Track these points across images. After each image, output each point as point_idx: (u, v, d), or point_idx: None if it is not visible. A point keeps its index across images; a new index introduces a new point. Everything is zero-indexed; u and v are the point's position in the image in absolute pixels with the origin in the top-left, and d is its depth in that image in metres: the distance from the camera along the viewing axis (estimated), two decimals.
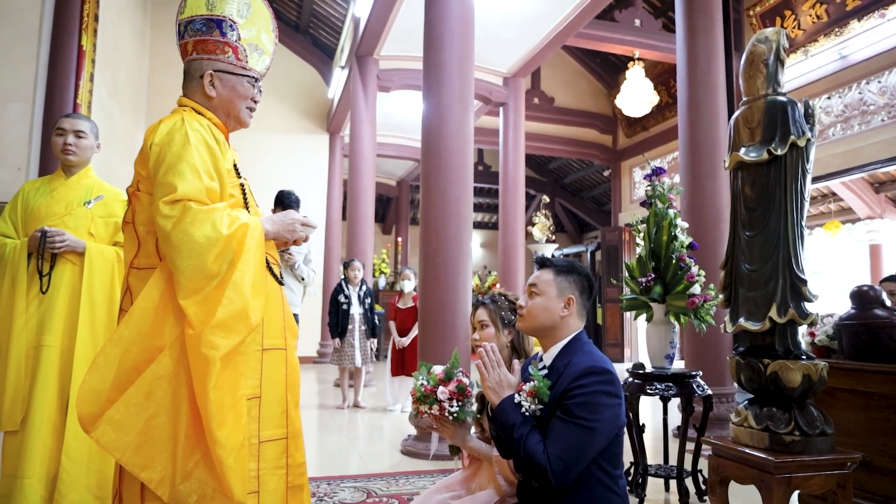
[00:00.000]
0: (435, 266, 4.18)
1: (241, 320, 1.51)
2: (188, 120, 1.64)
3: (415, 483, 3.31)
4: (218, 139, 1.68)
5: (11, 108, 6.05)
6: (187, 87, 1.79)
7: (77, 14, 6.22)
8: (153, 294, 1.53)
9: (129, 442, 1.45)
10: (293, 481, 1.65)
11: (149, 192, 1.61)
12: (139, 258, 1.63)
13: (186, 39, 1.79)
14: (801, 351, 2.08)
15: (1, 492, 2.45)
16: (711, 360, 4.61)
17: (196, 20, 1.76)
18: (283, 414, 1.65)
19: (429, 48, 4.45)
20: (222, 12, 1.76)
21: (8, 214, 2.67)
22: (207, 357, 1.44)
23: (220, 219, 1.52)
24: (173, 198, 1.50)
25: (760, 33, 2.23)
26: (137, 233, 1.63)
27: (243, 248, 1.53)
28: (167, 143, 1.58)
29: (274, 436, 1.62)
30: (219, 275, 1.50)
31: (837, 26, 7.69)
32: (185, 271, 1.47)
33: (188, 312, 1.47)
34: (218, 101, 1.77)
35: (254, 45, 1.80)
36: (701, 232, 4.54)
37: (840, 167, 7.85)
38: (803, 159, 2.11)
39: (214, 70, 1.75)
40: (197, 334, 1.45)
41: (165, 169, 1.54)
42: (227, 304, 1.48)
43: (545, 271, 1.82)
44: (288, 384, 1.68)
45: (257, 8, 1.83)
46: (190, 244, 1.47)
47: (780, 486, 1.90)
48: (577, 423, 1.57)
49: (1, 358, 2.51)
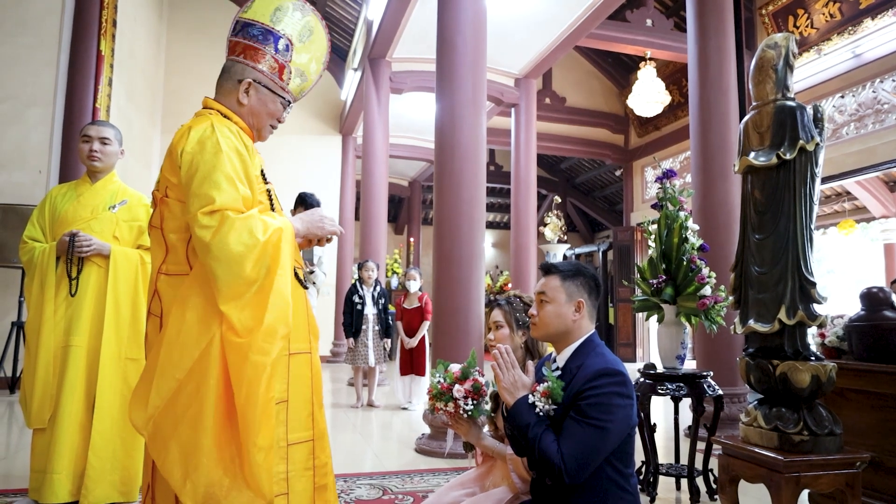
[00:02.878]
0: (448, 267, 4.23)
1: (285, 324, 1.55)
2: (218, 126, 1.63)
3: (429, 481, 3.37)
4: (247, 145, 1.69)
5: (32, 113, 6.18)
6: (222, 87, 1.76)
7: (96, 20, 6.33)
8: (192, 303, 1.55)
9: (168, 449, 1.49)
10: (319, 481, 1.69)
11: (179, 200, 1.61)
12: (168, 264, 1.65)
13: (239, 39, 1.75)
14: (809, 352, 2.11)
15: (31, 487, 2.55)
16: (723, 361, 4.63)
17: (256, 25, 1.74)
18: (310, 416, 1.69)
19: (441, 51, 4.50)
20: (284, 30, 1.75)
21: (36, 219, 2.77)
22: (260, 363, 1.48)
23: (256, 225, 1.54)
24: (211, 208, 1.51)
25: (770, 39, 2.27)
26: (166, 239, 1.65)
27: (279, 251, 1.56)
28: (199, 150, 1.58)
29: (301, 438, 1.66)
30: (257, 280, 1.53)
31: (851, 24, 7.65)
32: (225, 278, 1.50)
33: (232, 320, 1.50)
34: (247, 110, 1.76)
35: (300, 71, 1.80)
36: (713, 233, 4.56)
37: (854, 166, 7.81)
38: (812, 163, 2.14)
39: (254, 79, 1.74)
40: (247, 342, 1.49)
41: (200, 179, 1.54)
42: (272, 309, 1.52)
43: (552, 278, 1.83)
44: (313, 387, 1.72)
45: (318, 37, 1.82)
46: (229, 252, 1.50)
47: (789, 485, 1.94)
48: (590, 423, 1.61)
49: (30, 359, 2.61)
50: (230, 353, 1.50)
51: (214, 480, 1.47)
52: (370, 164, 8.35)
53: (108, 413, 2.57)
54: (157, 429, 1.50)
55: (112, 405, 2.58)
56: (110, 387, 2.59)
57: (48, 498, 2.47)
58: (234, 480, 1.49)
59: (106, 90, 6.56)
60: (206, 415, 1.49)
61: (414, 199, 15.95)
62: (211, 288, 1.53)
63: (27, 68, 6.20)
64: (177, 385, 1.50)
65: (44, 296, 2.60)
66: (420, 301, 6.21)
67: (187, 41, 10.21)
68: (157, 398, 1.50)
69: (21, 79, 6.18)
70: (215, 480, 1.47)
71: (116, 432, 2.59)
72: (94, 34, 6.32)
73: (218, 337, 1.52)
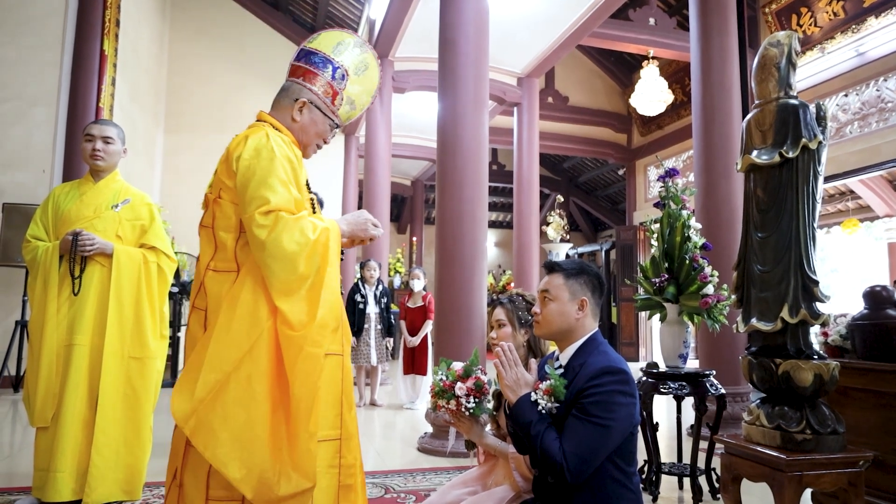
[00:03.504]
0: (450, 266, 4.23)
1: (336, 318, 1.69)
2: (272, 136, 1.75)
3: (431, 479, 3.37)
4: (297, 155, 1.81)
5: (36, 113, 6.20)
6: (278, 104, 1.90)
7: (99, 20, 6.34)
8: (242, 299, 1.64)
9: (218, 440, 1.56)
10: (344, 480, 1.74)
11: (232, 202, 1.72)
12: (216, 261, 1.74)
13: (300, 64, 1.91)
14: (812, 351, 2.11)
15: (34, 485, 2.55)
16: (725, 360, 4.62)
17: (318, 54, 1.89)
18: (338, 416, 1.75)
19: (444, 50, 4.50)
20: (342, 62, 1.90)
21: (39, 218, 2.77)
22: (315, 355, 1.61)
23: (307, 225, 1.66)
24: (267, 209, 1.63)
25: (772, 37, 2.26)
26: (216, 237, 1.75)
27: (328, 250, 1.69)
28: (255, 157, 1.69)
29: (328, 436, 1.72)
30: (309, 277, 1.64)
31: (854, 23, 7.63)
32: (280, 275, 1.61)
33: (287, 314, 1.61)
34: (298, 127, 1.88)
35: (351, 99, 1.94)
36: (715, 232, 4.55)
37: (858, 165, 7.79)
38: (815, 162, 2.14)
39: (309, 100, 1.87)
40: (301, 335, 1.60)
41: (257, 183, 1.66)
42: (324, 304, 1.65)
43: (555, 276, 1.84)
44: (343, 388, 1.78)
45: (371, 73, 1.97)
46: (283, 250, 1.61)
47: (791, 484, 1.93)
48: (592, 421, 1.61)
49: (33, 357, 2.61)
50: (285, 346, 1.61)
51: (267, 467, 1.56)
52: (373, 163, 8.36)
53: (112, 411, 2.57)
54: (201, 420, 1.57)
55: (115, 404, 2.59)
56: (113, 385, 2.59)
57: (51, 496, 2.47)
58: (284, 466, 1.58)
59: (109, 90, 6.57)
60: (258, 405, 1.58)
61: (416, 199, 15.95)
62: (261, 284, 1.64)
63: (31, 68, 6.22)
64: (225, 378, 1.59)
65: (47, 294, 2.60)
66: (424, 300, 6.21)
67: (190, 41, 10.23)
68: (203, 391, 1.58)
69: (25, 79, 6.19)
70: (268, 467, 1.56)
71: (119, 430, 2.59)
72: (98, 34, 6.33)
73: (268, 330, 1.62)
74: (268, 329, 1.62)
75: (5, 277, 6.06)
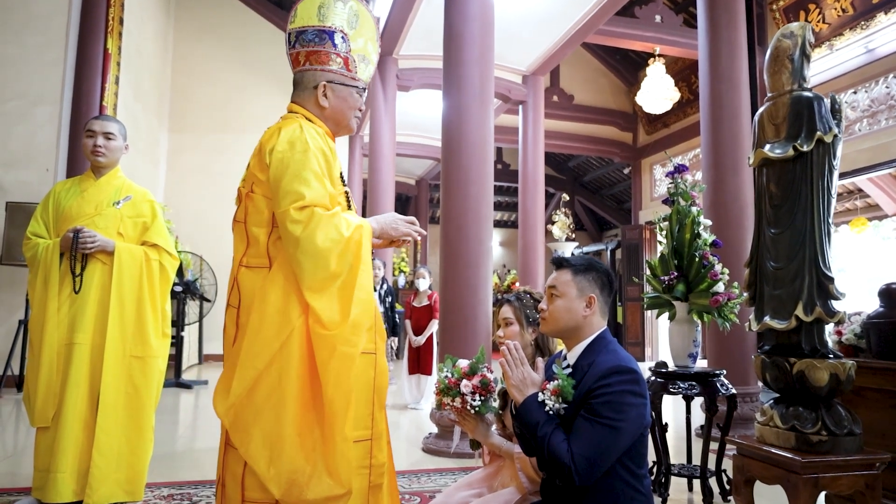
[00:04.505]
0: (455, 264, 4.19)
1: (369, 317, 1.65)
2: (306, 127, 1.71)
3: (436, 480, 3.33)
4: (331, 147, 1.76)
5: (40, 111, 6.18)
6: (299, 96, 1.84)
7: (103, 18, 6.32)
8: (273, 297, 1.61)
9: (251, 437, 1.55)
10: (374, 480, 1.71)
11: (265, 196, 1.68)
12: (249, 257, 1.71)
13: (298, 49, 1.83)
14: (828, 350, 2.06)
15: (34, 486, 2.52)
16: (734, 359, 4.57)
17: (308, 31, 1.81)
18: (370, 416, 1.72)
19: (449, 48, 4.46)
20: (333, 24, 1.81)
21: (40, 215, 2.74)
22: (349, 355, 1.58)
23: (340, 222, 1.63)
24: (301, 204, 1.60)
25: (786, 28, 2.21)
26: (249, 232, 1.71)
27: (360, 248, 1.65)
28: (288, 149, 1.65)
29: (360, 437, 1.68)
30: (341, 275, 1.61)
31: (863, 19, 7.54)
32: (312, 271, 1.58)
33: (318, 311, 1.58)
34: (330, 111, 1.83)
35: (361, 56, 1.87)
36: (724, 229, 4.50)
37: (867, 163, 7.71)
38: (830, 155, 2.09)
39: (328, 81, 1.81)
40: (334, 334, 1.57)
41: (291, 177, 1.62)
42: (357, 303, 1.62)
43: (563, 272, 1.79)
44: (376, 387, 1.74)
45: (364, 18, 1.88)
46: (316, 247, 1.58)
47: (807, 487, 1.88)
48: (602, 422, 1.56)
49: (33, 356, 2.58)
50: (318, 346, 1.58)
51: (297, 467, 1.54)
52: (377, 162, 8.32)
53: (113, 411, 2.54)
54: (237, 417, 1.57)
55: (116, 403, 2.55)
56: (114, 384, 2.55)
57: (52, 497, 2.44)
58: (315, 468, 1.55)
59: (113, 88, 6.55)
60: (287, 404, 1.56)
61: (421, 198, 15.91)
62: (292, 281, 1.61)
63: (34, 67, 6.20)
64: (258, 374, 1.57)
65: (47, 293, 2.57)
66: (430, 299, 6.18)
67: (194, 40, 10.21)
68: (239, 387, 1.57)
69: (28, 77, 6.18)
70: (298, 467, 1.54)
71: (121, 430, 2.56)
72: (101, 32, 6.31)
73: (298, 328, 1.59)
74: (298, 327, 1.59)
75: (9, 276, 6.04)
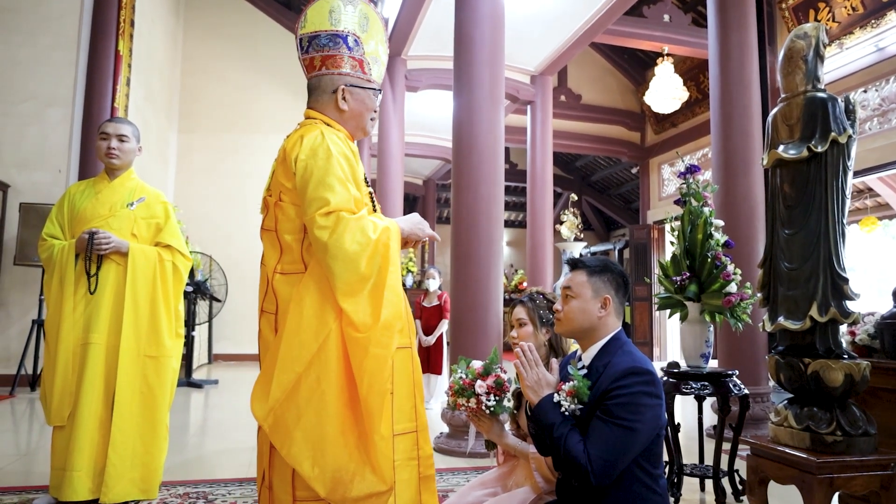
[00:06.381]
0: (466, 264, 4.19)
1: (400, 318, 1.67)
2: (327, 133, 1.73)
3: (448, 480, 3.33)
4: (353, 150, 1.78)
5: (52, 113, 6.23)
6: (317, 101, 1.85)
7: (114, 20, 6.36)
8: (309, 301, 1.63)
9: (293, 439, 1.57)
10: (424, 472, 1.75)
11: (294, 203, 1.70)
12: (283, 263, 1.72)
13: (312, 54, 1.84)
14: (842, 350, 2.06)
15: (51, 484, 2.55)
16: (746, 360, 4.55)
17: (321, 35, 1.82)
18: (413, 408, 1.76)
19: (459, 48, 4.47)
20: (346, 27, 1.83)
21: (55, 216, 2.77)
22: (380, 356, 1.60)
23: (367, 225, 1.65)
24: (327, 210, 1.62)
25: (799, 29, 2.21)
26: (281, 240, 1.73)
27: (389, 250, 1.67)
28: (311, 157, 1.67)
29: (406, 429, 1.72)
30: (371, 277, 1.63)
31: (874, 18, 7.50)
32: (343, 275, 1.60)
33: (351, 315, 1.60)
34: (349, 115, 1.85)
35: (374, 58, 1.90)
36: (735, 229, 4.48)
37: (877, 162, 7.66)
38: (844, 156, 2.08)
39: (346, 85, 1.82)
40: (366, 336, 1.60)
41: (315, 183, 1.64)
42: (388, 305, 1.64)
43: (578, 273, 1.80)
44: (414, 379, 1.78)
45: (373, 21, 1.90)
46: (345, 251, 1.60)
47: (822, 487, 1.88)
48: (618, 423, 1.56)
49: (49, 356, 2.61)
50: (351, 348, 1.61)
51: (341, 465, 1.57)
52: (385, 162, 8.33)
53: (128, 410, 2.56)
54: (278, 420, 1.59)
55: (131, 402, 2.58)
56: (129, 384, 2.58)
57: (68, 495, 2.47)
58: (359, 466, 1.58)
59: (124, 90, 6.59)
60: (328, 404, 1.59)
61: (429, 198, 15.91)
62: (326, 285, 1.63)
63: (46, 69, 6.25)
64: (297, 378, 1.59)
65: (63, 293, 2.60)
66: (439, 300, 6.18)
67: (204, 41, 10.25)
68: (278, 391, 1.59)
69: (40, 79, 6.23)
70: (342, 465, 1.57)
71: (136, 429, 2.58)
72: (113, 34, 6.36)
73: (335, 331, 1.62)
74: (335, 330, 1.62)
75: (22, 277, 6.10)
